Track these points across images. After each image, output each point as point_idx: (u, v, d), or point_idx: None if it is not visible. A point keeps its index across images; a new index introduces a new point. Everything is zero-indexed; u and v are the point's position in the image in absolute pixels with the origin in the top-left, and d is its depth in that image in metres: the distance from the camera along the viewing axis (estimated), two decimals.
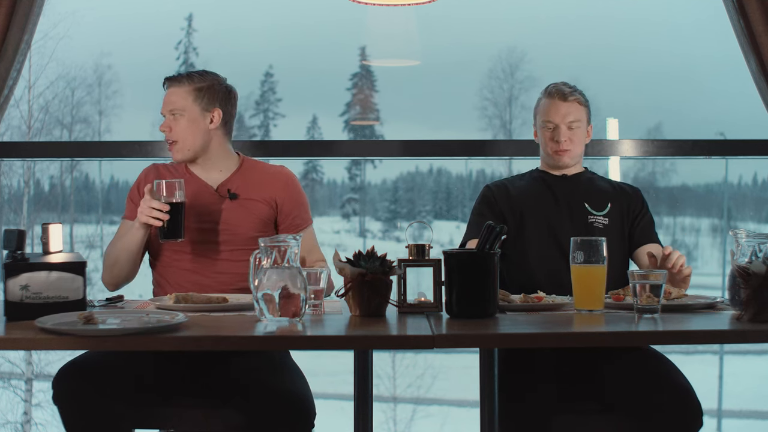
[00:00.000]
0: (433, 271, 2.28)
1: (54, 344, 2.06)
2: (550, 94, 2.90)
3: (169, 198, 2.49)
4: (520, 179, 2.97)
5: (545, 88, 2.95)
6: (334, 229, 6.92)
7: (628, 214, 2.87)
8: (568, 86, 2.91)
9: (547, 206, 2.83)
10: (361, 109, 6.69)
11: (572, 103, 2.88)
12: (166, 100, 2.67)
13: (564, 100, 2.87)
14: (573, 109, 2.87)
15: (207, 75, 2.70)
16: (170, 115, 2.66)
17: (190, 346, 2.13)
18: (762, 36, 3.27)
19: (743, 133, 3.81)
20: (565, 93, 2.88)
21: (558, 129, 2.86)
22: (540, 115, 2.92)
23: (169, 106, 2.66)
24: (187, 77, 2.67)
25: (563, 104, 2.87)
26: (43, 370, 5.56)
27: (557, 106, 2.87)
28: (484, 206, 2.90)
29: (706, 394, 4.91)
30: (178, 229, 2.52)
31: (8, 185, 5.38)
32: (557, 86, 2.91)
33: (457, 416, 5.94)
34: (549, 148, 2.89)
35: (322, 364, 5.29)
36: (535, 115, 2.97)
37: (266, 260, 2.11)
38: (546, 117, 2.89)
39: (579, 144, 2.90)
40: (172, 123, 2.66)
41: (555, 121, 2.87)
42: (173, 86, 2.67)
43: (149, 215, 2.48)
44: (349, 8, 2.85)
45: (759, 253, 2.18)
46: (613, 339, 2.09)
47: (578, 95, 2.90)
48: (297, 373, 2.54)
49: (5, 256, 2.16)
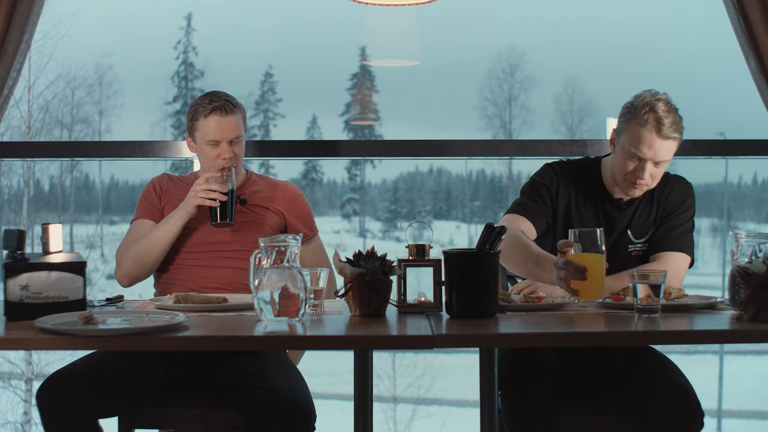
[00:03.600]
0: (433, 271, 2.28)
1: (54, 344, 2.06)
2: (647, 124, 2.54)
3: (225, 183, 2.64)
4: (582, 182, 2.72)
5: (643, 109, 2.56)
6: (334, 229, 6.92)
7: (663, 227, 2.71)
8: (671, 117, 2.55)
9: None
10: (361, 109, 6.69)
11: (670, 142, 2.55)
12: (225, 129, 2.76)
13: (662, 137, 2.53)
14: (668, 148, 2.56)
15: (232, 96, 2.83)
16: (226, 142, 2.76)
17: (190, 346, 2.13)
18: (762, 36, 3.26)
19: (743, 133, 3.81)
20: (665, 129, 2.53)
21: (644, 164, 2.57)
22: (628, 139, 2.58)
23: (232, 134, 2.76)
24: (235, 105, 2.79)
25: (659, 141, 2.54)
26: (43, 370, 5.57)
27: (652, 141, 2.54)
28: (543, 189, 2.70)
29: (706, 394, 4.92)
30: (231, 212, 2.64)
31: (8, 185, 5.39)
32: (658, 117, 2.53)
33: (457, 416, 5.94)
34: (626, 178, 2.61)
35: (322, 364, 5.29)
36: (620, 131, 2.62)
37: (266, 260, 2.11)
38: (636, 149, 2.56)
39: (658, 179, 2.63)
40: (234, 149, 2.77)
41: (645, 156, 2.56)
42: (229, 115, 2.77)
43: (205, 197, 2.61)
44: (349, 8, 2.85)
45: (759, 253, 2.18)
46: (613, 339, 2.09)
47: (678, 131, 2.56)
48: (296, 374, 2.54)
49: (5, 256, 2.16)
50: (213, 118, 2.74)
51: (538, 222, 2.68)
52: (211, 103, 2.75)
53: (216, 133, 2.74)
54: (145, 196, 2.84)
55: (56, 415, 2.30)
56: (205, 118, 2.75)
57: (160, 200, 2.81)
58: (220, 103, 2.75)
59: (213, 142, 2.75)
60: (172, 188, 2.83)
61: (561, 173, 2.73)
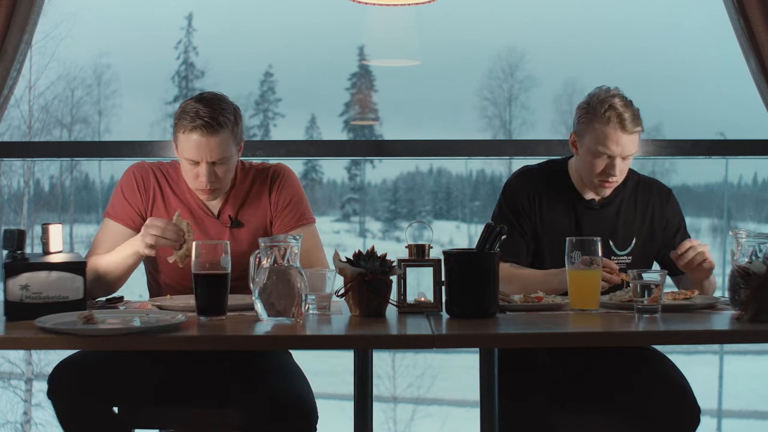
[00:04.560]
0: (433, 271, 2.28)
1: (54, 344, 2.06)
2: (610, 122, 2.54)
3: (212, 265, 2.14)
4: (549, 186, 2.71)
5: (602, 107, 2.55)
6: (334, 229, 6.91)
7: (653, 242, 2.70)
8: (630, 111, 2.55)
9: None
10: (361, 109, 6.69)
11: (634, 135, 2.57)
12: (205, 150, 2.45)
13: (627, 132, 2.54)
14: (633, 141, 2.57)
15: (225, 105, 2.50)
16: (207, 164, 2.46)
17: (190, 346, 2.13)
18: (762, 36, 3.26)
19: (743, 133, 3.81)
20: (628, 124, 2.54)
21: (613, 161, 2.57)
22: (593, 140, 2.57)
23: (214, 156, 2.45)
24: (221, 125, 2.45)
25: (624, 136, 2.54)
26: (43, 370, 5.56)
27: (618, 137, 2.54)
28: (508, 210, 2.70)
29: (706, 394, 4.91)
30: (221, 304, 2.15)
31: (8, 185, 5.39)
32: (619, 113, 2.54)
33: (457, 416, 5.94)
34: (595, 178, 2.61)
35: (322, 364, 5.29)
36: (583, 132, 2.61)
37: (266, 260, 2.11)
38: (602, 147, 2.56)
39: (625, 172, 2.64)
40: (218, 171, 2.48)
41: (614, 153, 2.56)
42: (212, 135, 2.45)
43: (156, 238, 2.33)
44: (349, 8, 2.83)
45: (759, 253, 2.18)
46: (613, 339, 2.09)
47: (640, 123, 2.57)
48: (299, 375, 2.52)
49: (5, 256, 2.16)
50: (193, 137, 2.44)
51: (521, 255, 2.67)
52: (195, 119, 2.43)
53: (195, 153, 2.45)
54: (125, 191, 2.60)
55: (69, 399, 2.28)
56: (185, 134, 2.45)
57: (141, 200, 2.59)
58: (204, 121, 2.42)
59: (192, 161, 2.47)
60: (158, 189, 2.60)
61: (527, 184, 2.71)
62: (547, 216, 2.69)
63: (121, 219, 2.58)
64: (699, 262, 2.44)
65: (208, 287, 2.12)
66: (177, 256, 2.34)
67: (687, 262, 2.45)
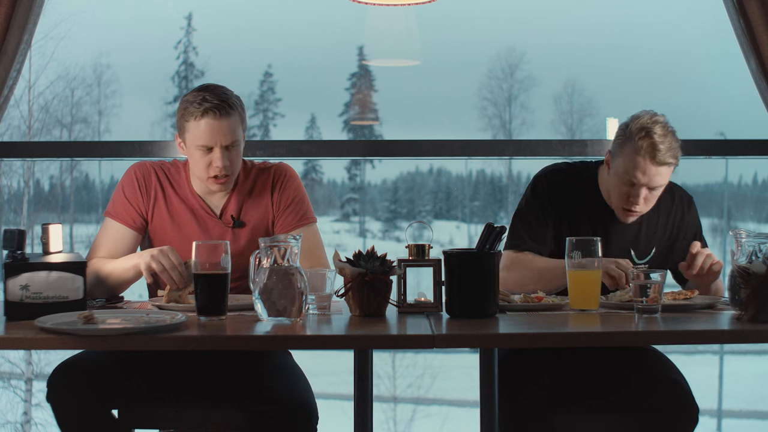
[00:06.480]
0: (433, 271, 2.29)
1: (54, 344, 2.06)
2: (642, 150, 2.47)
3: (213, 265, 2.13)
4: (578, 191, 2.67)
5: (639, 133, 2.47)
6: (334, 229, 6.91)
7: (672, 251, 2.69)
8: (667, 142, 2.48)
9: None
10: (360, 109, 6.69)
11: (665, 168, 2.50)
12: (218, 133, 2.43)
13: (657, 163, 2.47)
14: (663, 174, 2.51)
15: (228, 91, 2.51)
16: (221, 148, 2.44)
17: (190, 346, 2.13)
18: (762, 36, 3.27)
19: (743, 133, 3.81)
20: (660, 155, 2.46)
21: (638, 190, 2.53)
22: (622, 164, 2.52)
23: (227, 139, 2.44)
24: (231, 106, 2.46)
25: (654, 167, 2.48)
26: (43, 370, 5.56)
27: (646, 167, 2.48)
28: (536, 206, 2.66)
29: (706, 393, 4.91)
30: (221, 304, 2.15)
31: (8, 185, 5.38)
32: (653, 143, 2.46)
33: (457, 416, 5.94)
34: (619, 203, 2.57)
35: (322, 364, 5.29)
36: (616, 153, 2.55)
37: (266, 260, 2.11)
38: (629, 174, 2.51)
39: (653, 203, 2.58)
40: (230, 156, 2.46)
41: (639, 182, 2.51)
42: (224, 118, 2.43)
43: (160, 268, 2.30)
44: (349, 8, 2.83)
45: (759, 253, 2.18)
46: (613, 339, 2.09)
47: (674, 156, 2.49)
48: (299, 375, 2.52)
49: (5, 256, 2.16)
50: (205, 121, 2.42)
51: (542, 248, 2.66)
52: (203, 103, 2.42)
53: (208, 138, 2.43)
54: (126, 190, 2.58)
55: (68, 402, 2.28)
56: (196, 121, 2.43)
57: (143, 200, 2.58)
58: (214, 103, 2.42)
59: (205, 148, 2.45)
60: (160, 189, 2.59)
61: (557, 186, 2.68)
62: (573, 221, 2.67)
63: (122, 218, 2.58)
64: (708, 266, 2.46)
65: (208, 287, 2.12)
66: (168, 295, 2.33)
67: (698, 270, 2.45)
